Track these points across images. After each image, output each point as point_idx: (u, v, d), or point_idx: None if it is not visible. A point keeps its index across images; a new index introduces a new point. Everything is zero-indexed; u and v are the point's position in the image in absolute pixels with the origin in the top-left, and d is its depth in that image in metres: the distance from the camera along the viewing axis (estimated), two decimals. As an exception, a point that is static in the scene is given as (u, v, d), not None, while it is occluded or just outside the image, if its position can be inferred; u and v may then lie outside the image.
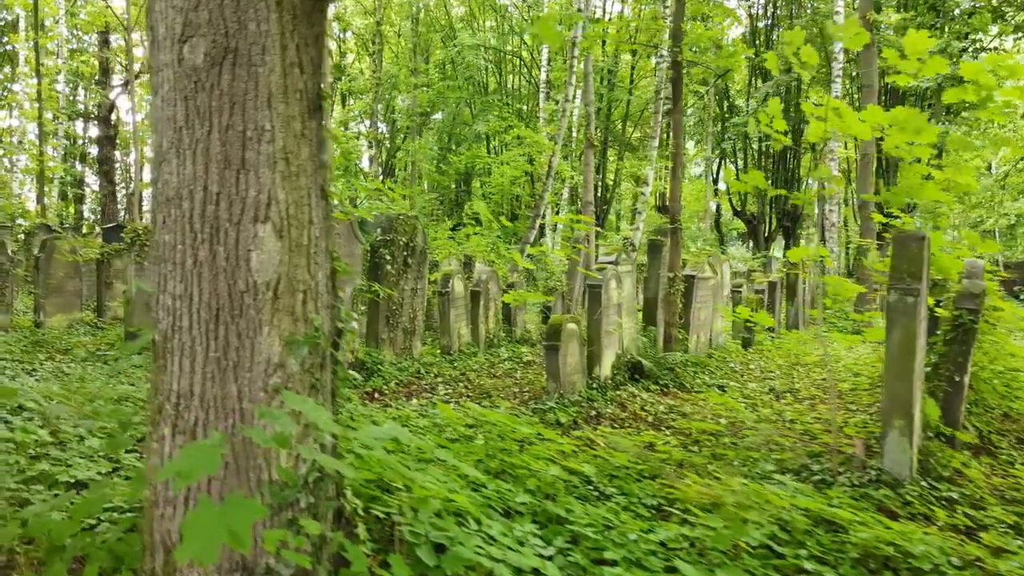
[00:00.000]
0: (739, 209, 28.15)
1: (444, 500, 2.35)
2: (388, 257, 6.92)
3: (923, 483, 3.82)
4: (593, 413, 5.56)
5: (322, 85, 1.97)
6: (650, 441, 4.57)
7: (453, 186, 26.93)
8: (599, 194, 24.83)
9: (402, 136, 29.43)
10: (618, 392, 6.23)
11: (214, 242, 1.81)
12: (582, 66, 14.36)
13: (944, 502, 3.68)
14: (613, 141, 27.03)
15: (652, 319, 7.70)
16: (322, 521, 1.94)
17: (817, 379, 7.44)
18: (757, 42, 25.37)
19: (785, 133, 4.09)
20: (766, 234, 28.17)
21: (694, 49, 7.13)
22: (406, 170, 25.46)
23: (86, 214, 31.23)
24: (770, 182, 27.17)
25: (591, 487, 3.37)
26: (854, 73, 22.73)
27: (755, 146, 28.09)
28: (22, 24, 22.81)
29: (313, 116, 1.94)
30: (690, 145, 30.38)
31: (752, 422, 5.11)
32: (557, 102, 20.35)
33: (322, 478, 1.94)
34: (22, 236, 15.56)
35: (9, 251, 9.14)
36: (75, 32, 27.04)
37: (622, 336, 6.68)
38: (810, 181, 29.36)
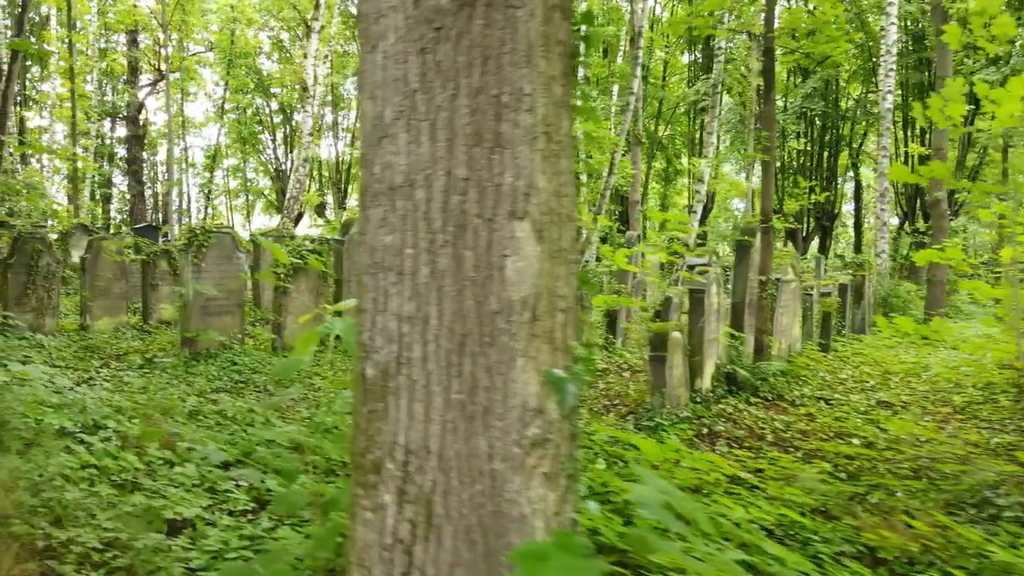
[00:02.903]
0: (777, 208, 27.46)
1: None
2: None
3: None
4: (705, 430, 5.07)
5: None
6: (782, 463, 4.07)
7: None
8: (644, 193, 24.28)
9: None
10: (721, 405, 5.73)
11: (459, 245, 1.34)
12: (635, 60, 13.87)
13: None
14: (646, 139, 26.47)
15: (739, 325, 7.17)
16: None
17: (920, 390, 6.89)
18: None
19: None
20: (804, 234, 27.45)
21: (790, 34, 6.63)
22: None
23: (113, 214, 31.15)
24: (811, 180, 26.45)
25: (781, 530, 2.88)
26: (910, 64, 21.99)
27: (792, 144, 27.37)
28: (53, 23, 22.64)
29: (569, 78, 1.46)
30: (717, 142, 29.68)
31: (905, 444, 4.58)
32: (595, 97, 19.84)
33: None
34: (53, 237, 15.28)
35: (55, 252, 8.79)
36: (103, 32, 26.89)
37: (719, 345, 6.17)
38: (839, 180, 28.57)
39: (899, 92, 22.44)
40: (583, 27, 1.64)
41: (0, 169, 11.28)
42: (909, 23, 22.62)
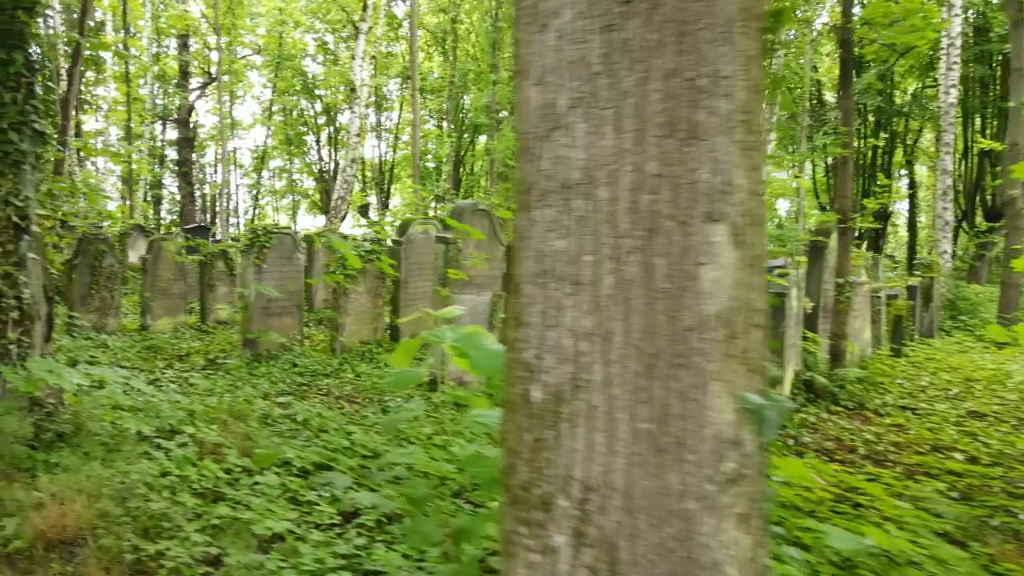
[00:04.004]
0: (827, 207, 26.71)
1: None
2: (528, 260, 6.29)
3: None
4: (791, 441, 4.81)
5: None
6: (885, 480, 3.80)
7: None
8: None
9: (470, 134, 29.01)
10: (802, 415, 5.46)
11: (649, 251, 1.17)
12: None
13: None
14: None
15: (813, 330, 6.86)
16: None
17: (1010, 400, 6.49)
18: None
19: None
20: (856, 234, 26.63)
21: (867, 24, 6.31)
22: (482, 169, 24.98)
23: (163, 215, 31.82)
24: (865, 177, 25.68)
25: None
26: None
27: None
28: (108, 28, 23.20)
29: (763, 59, 1.28)
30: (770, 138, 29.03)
31: (1012, 459, 4.27)
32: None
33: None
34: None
35: (117, 253, 8.90)
36: (155, 36, 27.47)
37: (797, 351, 5.89)
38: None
39: (960, 86, 21.59)
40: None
41: (63, 171, 11.50)
42: (971, 15, 21.77)
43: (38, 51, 3.89)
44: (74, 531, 2.88)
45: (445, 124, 28.71)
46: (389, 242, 8.53)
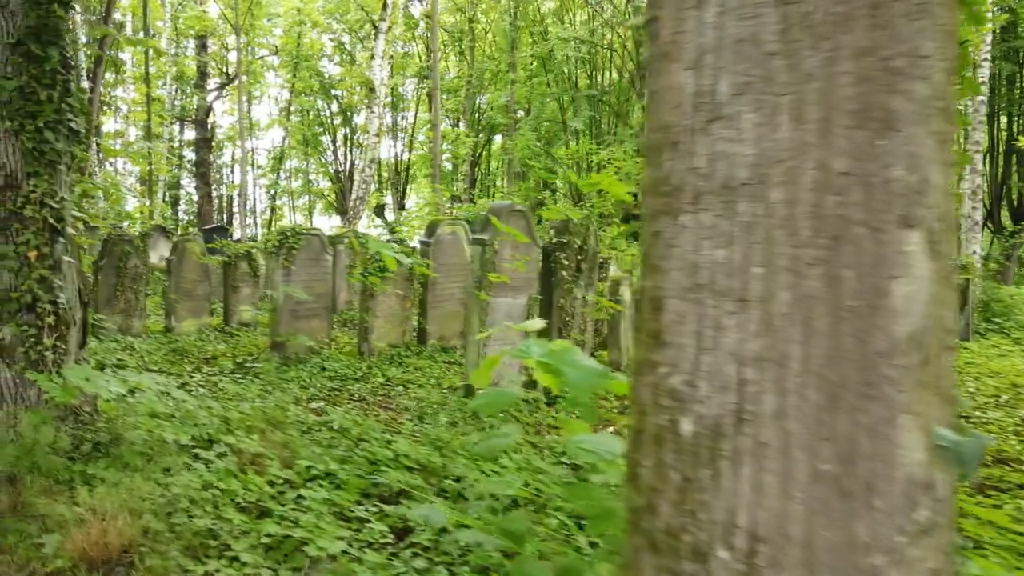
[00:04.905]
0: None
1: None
2: (565, 262, 6.13)
3: None
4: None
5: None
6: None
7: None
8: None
9: (487, 133, 28.87)
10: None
11: (836, 263, 0.99)
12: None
13: None
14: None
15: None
16: None
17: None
18: None
19: None
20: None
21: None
22: (499, 168, 24.84)
23: (180, 215, 31.92)
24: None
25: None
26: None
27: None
28: (128, 29, 23.25)
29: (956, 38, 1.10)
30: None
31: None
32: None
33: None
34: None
35: (139, 255, 8.81)
36: (174, 37, 27.55)
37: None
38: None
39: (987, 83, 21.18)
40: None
41: (84, 172, 11.47)
42: (997, 11, 21.35)
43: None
44: (117, 549, 2.74)
45: (461, 124, 28.60)
46: (415, 243, 8.37)
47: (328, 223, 34.18)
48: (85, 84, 12.33)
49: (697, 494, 1.08)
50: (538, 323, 1.99)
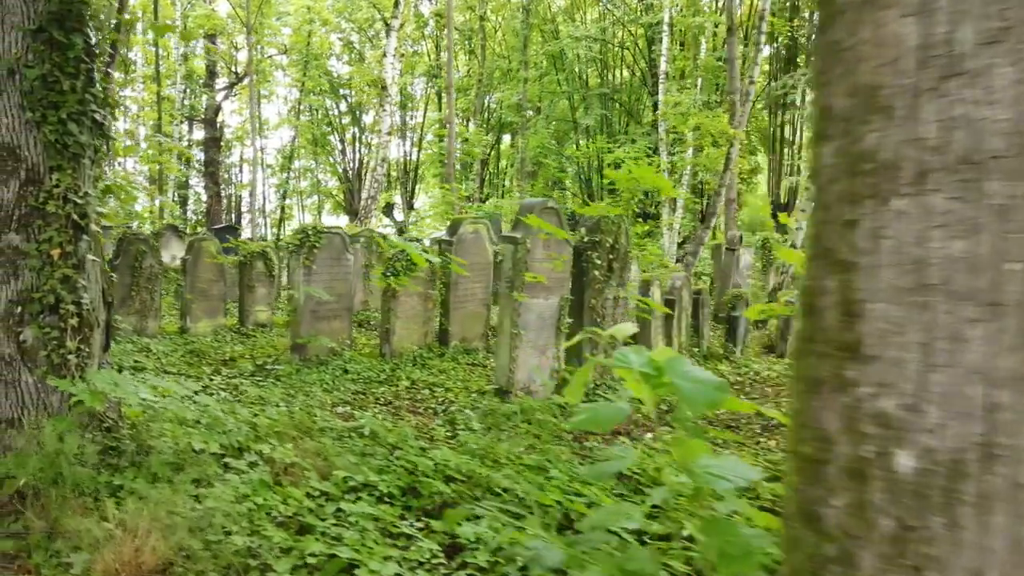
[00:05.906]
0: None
1: None
2: (597, 261, 5.92)
3: None
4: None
5: None
6: None
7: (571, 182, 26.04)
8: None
9: (496, 132, 28.67)
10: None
11: (1125, 257, 0.78)
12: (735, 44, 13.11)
13: None
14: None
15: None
16: None
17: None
18: None
19: None
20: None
21: None
22: (512, 167, 24.65)
23: (188, 215, 31.81)
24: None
25: None
26: None
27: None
28: (139, 27, 23.13)
29: None
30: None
31: None
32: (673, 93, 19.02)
33: None
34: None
35: (155, 255, 8.64)
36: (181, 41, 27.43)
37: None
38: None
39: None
40: None
41: (103, 171, 11.32)
42: None
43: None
44: (152, 570, 2.54)
45: (471, 123, 28.42)
46: (432, 242, 8.16)
47: (336, 223, 34.03)
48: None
49: (923, 547, 0.87)
50: (629, 327, 1.78)
